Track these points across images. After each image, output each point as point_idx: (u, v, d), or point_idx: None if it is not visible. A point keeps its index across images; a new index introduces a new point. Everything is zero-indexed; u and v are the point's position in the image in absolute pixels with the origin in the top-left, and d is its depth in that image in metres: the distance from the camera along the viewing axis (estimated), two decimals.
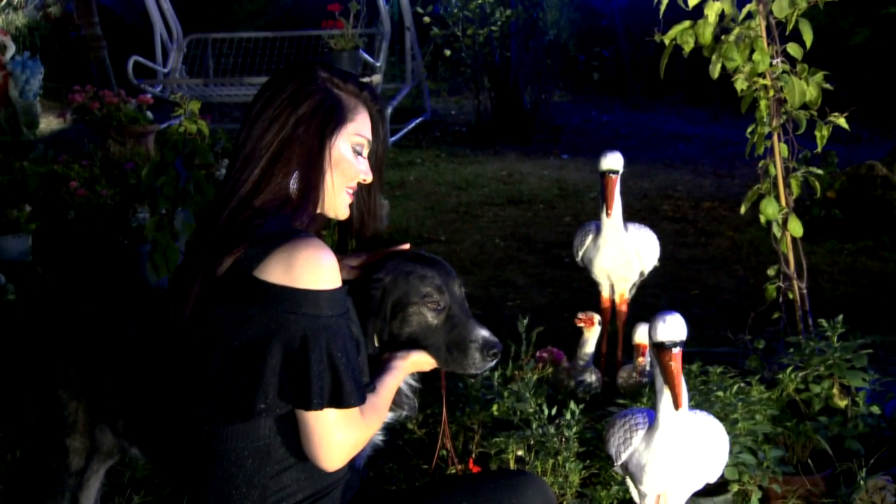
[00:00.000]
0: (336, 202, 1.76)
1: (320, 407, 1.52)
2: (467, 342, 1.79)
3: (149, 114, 6.11)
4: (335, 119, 1.71)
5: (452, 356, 1.79)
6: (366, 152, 1.78)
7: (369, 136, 1.78)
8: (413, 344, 1.80)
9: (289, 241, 1.55)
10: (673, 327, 1.98)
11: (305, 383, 1.51)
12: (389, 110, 8.01)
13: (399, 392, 1.85)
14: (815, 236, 5.08)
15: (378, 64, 7.71)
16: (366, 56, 7.11)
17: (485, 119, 8.99)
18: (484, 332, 1.80)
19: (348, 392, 1.53)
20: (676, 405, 2.00)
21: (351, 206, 1.80)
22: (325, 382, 1.51)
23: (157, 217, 3.35)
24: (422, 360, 1.81)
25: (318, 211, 1.75)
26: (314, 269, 1.52)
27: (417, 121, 8.99)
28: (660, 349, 2.00)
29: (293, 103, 1.68)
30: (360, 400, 1.55)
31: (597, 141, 8.54)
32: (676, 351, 1.98)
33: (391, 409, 1.84)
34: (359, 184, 1.80)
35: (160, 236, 3.33)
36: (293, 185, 1.67)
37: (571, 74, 10.40)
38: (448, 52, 8.98)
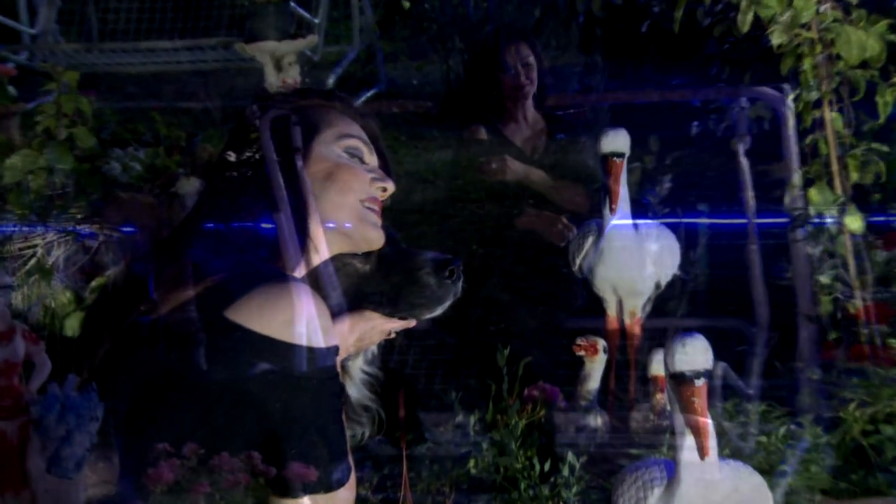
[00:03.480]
0: (356, 227, 1.79)
1: (301, 496, 1.54)
2: (414, 272, 1.83)
3: (11, 89, 6.06)
4: (303, 130, 1.78)
5: (404, 297, 1.82)
6: (369, 158, 1.84)
7: (363, 136, 1.83)
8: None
9: (273, 281, 1.56)
10: (695, 353, 2.00)
11: (280, 466, 1.52)
12: (332, 80, 8.01)
13: (349, 404, 1.87)
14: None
15: (316, 21, 7.71)
16: (299, 10, 7.11)
17: (456, 89, 9.03)
18: (430, 254, 1.85)
19: (335, 480, 1.56)
20: (702, 453, 2.01)
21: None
22: (308, 467, 1.53)
23: None
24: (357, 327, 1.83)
25: (341, 250, 1.79)
26: (304, 320, 1.52)
27: (369, 94, 8.98)
28: (679, 382, 2.01)
29: (246, 138, 1.78)
30: (347, 476, 1.59)
31: (601, 115, 8.59)
32: (700, 383, 2.00)
33: (347, 428, 1.85)
34: None
35: None
36: (269, 224, 1.71)
37: (568, 30, 10.47)
38: (407, 4, 9.01)
